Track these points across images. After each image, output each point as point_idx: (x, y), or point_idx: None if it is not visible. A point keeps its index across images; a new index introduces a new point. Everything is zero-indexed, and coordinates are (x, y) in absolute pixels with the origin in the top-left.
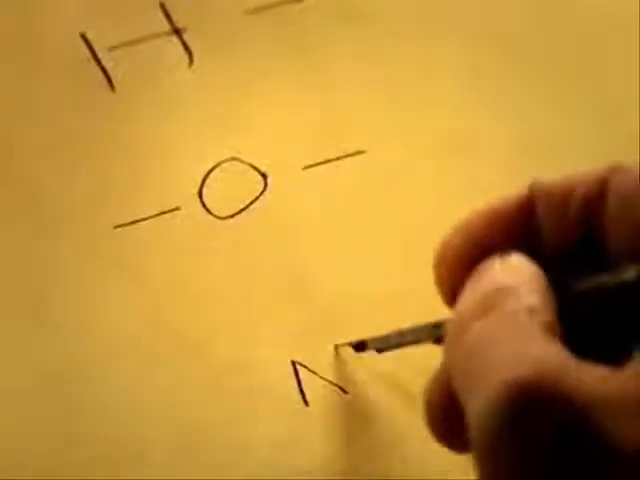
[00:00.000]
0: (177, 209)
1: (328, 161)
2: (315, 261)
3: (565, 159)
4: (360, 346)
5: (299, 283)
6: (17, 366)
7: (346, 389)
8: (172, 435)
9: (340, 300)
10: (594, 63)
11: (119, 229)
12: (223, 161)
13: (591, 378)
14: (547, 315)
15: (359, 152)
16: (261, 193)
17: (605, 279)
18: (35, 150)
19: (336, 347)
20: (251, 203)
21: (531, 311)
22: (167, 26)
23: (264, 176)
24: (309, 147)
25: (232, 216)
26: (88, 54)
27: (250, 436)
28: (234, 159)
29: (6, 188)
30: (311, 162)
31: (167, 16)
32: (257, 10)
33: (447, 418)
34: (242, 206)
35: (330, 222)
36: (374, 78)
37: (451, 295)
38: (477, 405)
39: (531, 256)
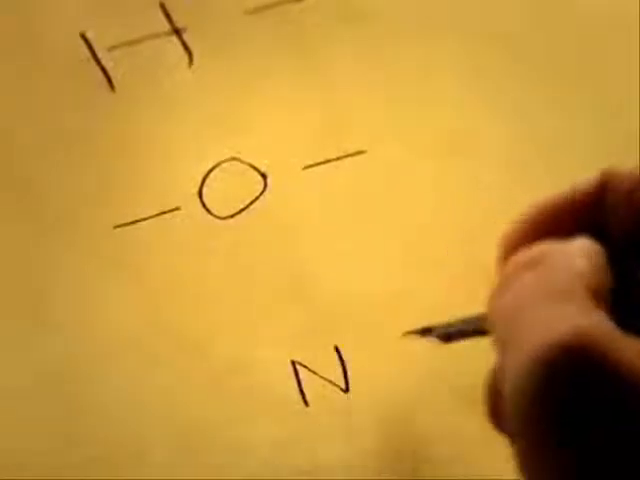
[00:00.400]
0: (177, 209)
1: (328, 161)
2: (315, 261)
3: (565, 159)
4: (425, 332)
5: (299, 283)
6: (17, 366)
7: (347, 389)
8: (172, 435)
9: (340, 300)
10: (594, 63)
11: (119, 229)
12: (223, 161)
13: (633, 350)
14: (596, 281)
15: (359, 152)
16: (261, 193)
17: None
18: (35, 150)
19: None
20: (251, 203)
21: (580, 274)
22: (167, 26)
23: (264, 176)
24: (309, 147)
25: (232, 216)
26: (88, 54)
27: (250, 436)
28: (234, 159)
29: (6, 188)
30: (311, 162)
31: (167, 16)
32: (257, 10)
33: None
34: (242, 206)
35: (330, 222)
36: (374, 78)
37: None
38: (515, 362)
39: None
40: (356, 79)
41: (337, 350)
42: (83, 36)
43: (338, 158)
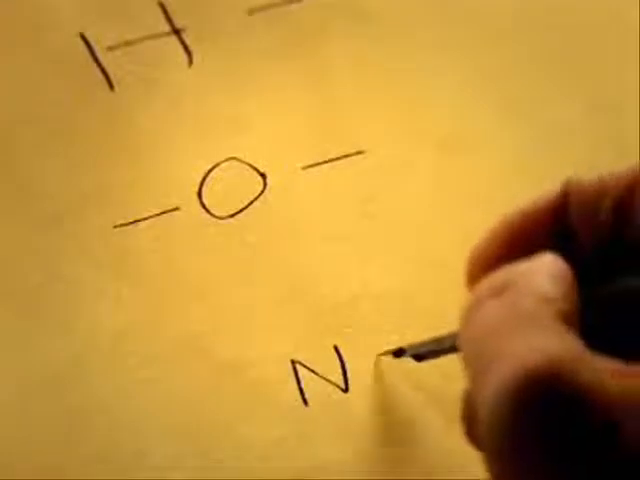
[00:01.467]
0: (177, 209)
1: (328, 161)
2: (315, 261)
3: (565, 159)
4: (398, 353)
5: (299, 283)
6: (17, 366)
7: (346, 389)
8: (172, 435)
9: (340, 300)
10: (594, 63)
11: (119, 229)
12: (222, 161)
13: (605, 372)
14: (564, 305)
15: (359, 152)
16: (260, 193)
17: (633, 282)
18: (35, 150)
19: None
20: (250, 203)
21: (546, 299)
22: (167, 26)
23: (263, 176)
24: (308, 147)
25: (231, 216)
26: (87, 54)
27: (250, 436)
28: (233, 159)
29: (6, 187)
30: (310, 162)
31: (166, 16)
32: (257, 10)
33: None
34: (241, 206)
35: (330, 222)
36: (374, 78)
37: None
38: (488, 392)
39: (565, 256)
40: (356, 79)
41: (337, 350)
42: (82, 36)
43: (337, 158)
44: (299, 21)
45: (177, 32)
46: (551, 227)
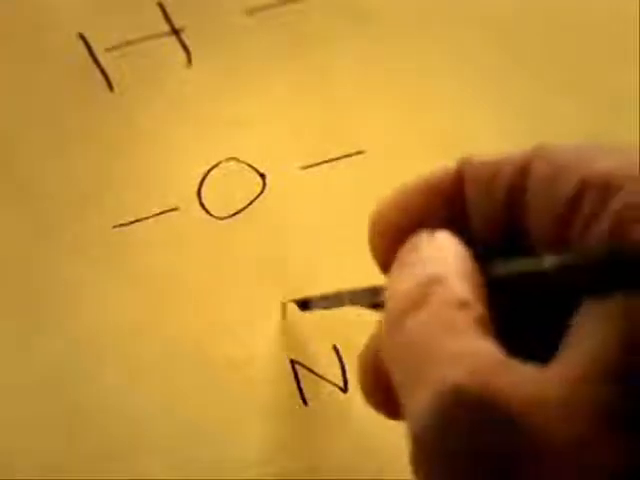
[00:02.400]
0: (176, 209)
1: (327, 161)
2: (314, 261)
3: None
4: (305, 304)
5: (298, 283)
6: (17, 366)
7: (346, 389)
8: (172, 435)
9: None
10: (594, 63)
11: (118, 229)
12: (222, 161)
13: (520, 379)
14: (479, 308)
15: (358, 152)
16: (260, 193)
17: (523, 266)
18: (34, 150)
19: (283, 305)
20: (250, 203)
21: (463, 304)
22: (166, 26)
23: (263, 176)
24: (308, 147)
25: (231, 216)
26: (86, 54)
27: (250, 436)
28: (233, 159)
29: (5, 188)
30: (310, 162)
31: (166, 16)
32: (257, 10)
33: (381, 388)
34: (241, 206)
35: (329, 222)
36: (374, 78)
37: (385, 265)
38: (414, 405)
39: (461, 236)
40: (356, 79)
41: (336, 350)
42: (82, 36)
43: (337, 158)
44: (299, 21)
45: (176, 32)
46: (447, 205)
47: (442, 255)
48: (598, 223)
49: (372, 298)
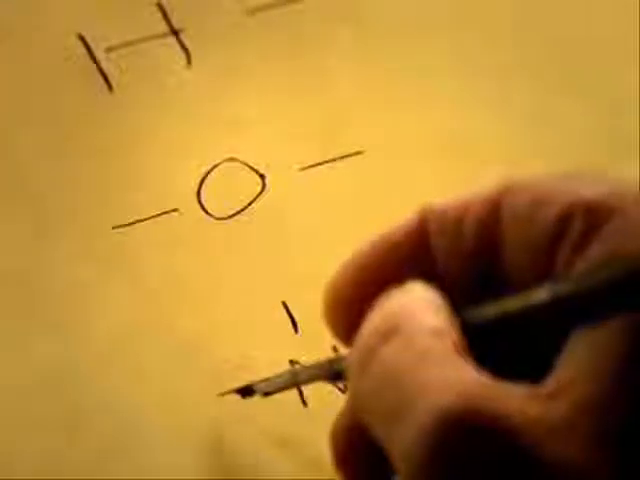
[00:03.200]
0: (175, 210)
1: (327, 162)
2: (314, 262)
3: (565, 159)
4: (247, 391)
5: (298, 283)
6: (17, 366)
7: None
8: (172, 435)
9: None
10: (594, 63)
11: (117, 230)
12: (221, 162)
13: (514, 401)
14: (453, 335)
15: (357, 152)
16: (259, 194)
17: (511, 304)
18: (33, 151)
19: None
20: (249, 204)
21: (436, 333)
22: (165, 27)
23: (262, 177)
24: (307, 148)
25: (230, 217)
26: (86, 55)
27: (249, 436)
28: (232, 160)
29: (4, 188)
30: (310, 162)
31: (165, 17)
32: (256, 10)
33: (359, 461)
34: (240, 207)
35: (329, 223)
36: (373, 78)
37: (347, 336)
38: (404, 437)
39: (433, 284)
40: (355, 79)
41: (336, 350)
42: (81, 37)
43: (336, 159)
44: (298, 21)
45: (176, 33)
46: (411, 260)
47: (410, 295)
48: (590, 248)
49: (331, 368)
